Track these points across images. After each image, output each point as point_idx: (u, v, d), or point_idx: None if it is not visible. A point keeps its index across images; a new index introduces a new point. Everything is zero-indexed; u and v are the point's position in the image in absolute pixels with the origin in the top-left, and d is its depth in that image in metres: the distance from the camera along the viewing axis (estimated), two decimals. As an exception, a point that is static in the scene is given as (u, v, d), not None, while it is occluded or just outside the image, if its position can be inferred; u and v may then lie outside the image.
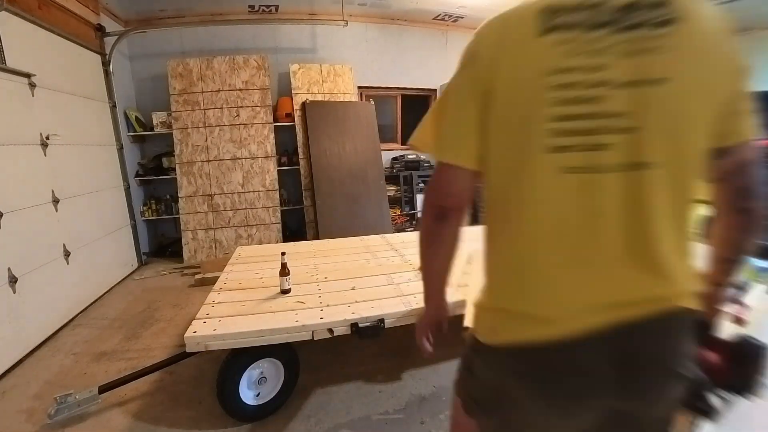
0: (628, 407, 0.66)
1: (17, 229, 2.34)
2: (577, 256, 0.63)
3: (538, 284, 0.65)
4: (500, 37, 0.64)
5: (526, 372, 0.67)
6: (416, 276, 2.22)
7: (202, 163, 4.12)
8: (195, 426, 1.73)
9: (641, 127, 0.59)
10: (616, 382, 0.62)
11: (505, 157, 0.66)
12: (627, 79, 0.58)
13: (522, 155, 0.63)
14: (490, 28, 0.67)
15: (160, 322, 2.76)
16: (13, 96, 2.45)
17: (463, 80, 0.69)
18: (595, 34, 0.59)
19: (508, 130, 0.64)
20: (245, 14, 4.38)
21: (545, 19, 0.60)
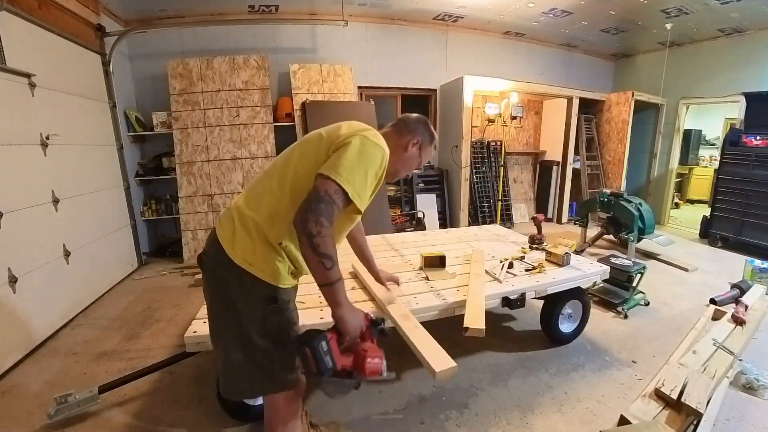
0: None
1: (17, 229, 2.34)
2: None
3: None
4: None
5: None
6: (416, 276, 2.22)
7: (202, 163, 4.12)
8: (195, 426, 1.73)
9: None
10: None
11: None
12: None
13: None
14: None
15: (160, 322, 2.77)
16: (13, 96, 2.45)
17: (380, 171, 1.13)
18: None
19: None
20: (245, 14, 4.38)
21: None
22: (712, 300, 2.94)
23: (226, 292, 1.08)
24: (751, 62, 4.83)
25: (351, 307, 1.09)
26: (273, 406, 1.19)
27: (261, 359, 1.09)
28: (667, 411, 1.67)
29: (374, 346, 1.11)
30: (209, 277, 1.14)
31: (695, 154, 7.55)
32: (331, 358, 1.00)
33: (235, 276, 1.06)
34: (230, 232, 1.09)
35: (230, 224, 1.10)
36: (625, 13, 4.54)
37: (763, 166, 4.14)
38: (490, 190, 5.52)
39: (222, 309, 1.10)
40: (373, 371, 1.06)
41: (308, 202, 0.97)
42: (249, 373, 1.09)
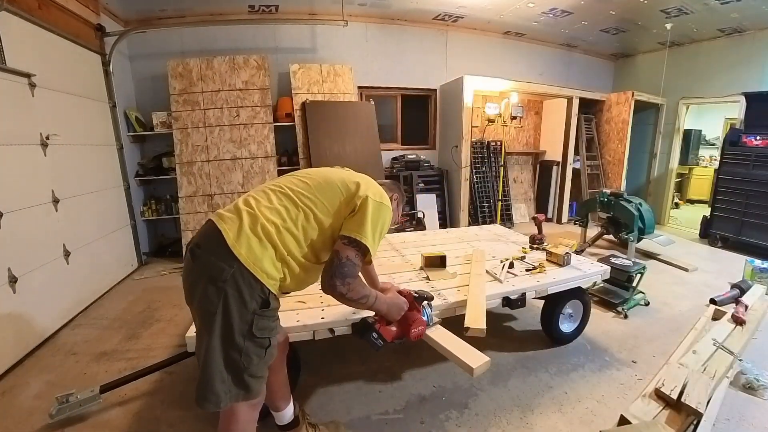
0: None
1: (17, 229, 2.34)
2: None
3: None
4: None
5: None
6: (417, 276, 2.22)
7: (202, 163, 4.12)
8: (195, 426, 1.73)
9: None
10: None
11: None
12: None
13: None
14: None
15: (160, 322, 2.77)
16: (13, 96, 2.45)
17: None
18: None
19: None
20: (245, 14, 4.38)
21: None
22: (712, 300, 2.94)
23: (220, 288, 1.07)
24: (751, 62, 4.83)
25: (391, 303, 1.38)
26: (233, 414, 1.18)
27: (238, 362, 1.10)
28: (667, 411, 1.67)
29: (418, 315, 1.45)
30: (202, 271, 1.11)
31: (695, 154, 7.56)
32: (383, 339, 1.35)
33: (235, 272, 1.07)
34: (237, 228, 1.11)
35: (238, 221, 1.13)
36: (625, 13, 4.54)
37: (763, 166, 4.14)
38: (490, 190, 5.52)
39: (211, 308, 1.08)
40: (416, 336, 1.43)
41: (333, 269, 1.16)
42: (223, 379, 1.09)
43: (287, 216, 1.17)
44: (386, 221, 1.27)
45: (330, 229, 1.23)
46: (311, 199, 1.22)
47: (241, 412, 1.18)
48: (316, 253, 1.23)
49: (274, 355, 1.21)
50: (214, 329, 1.07)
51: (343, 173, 1.34)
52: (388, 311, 1.36)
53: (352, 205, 1.23)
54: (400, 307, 1.42)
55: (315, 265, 1.25)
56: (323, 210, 1.22)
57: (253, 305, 1.10)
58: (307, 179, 1.29)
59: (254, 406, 1.22)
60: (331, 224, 1.22)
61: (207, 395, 1.08)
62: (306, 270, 1.23)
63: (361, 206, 1.21)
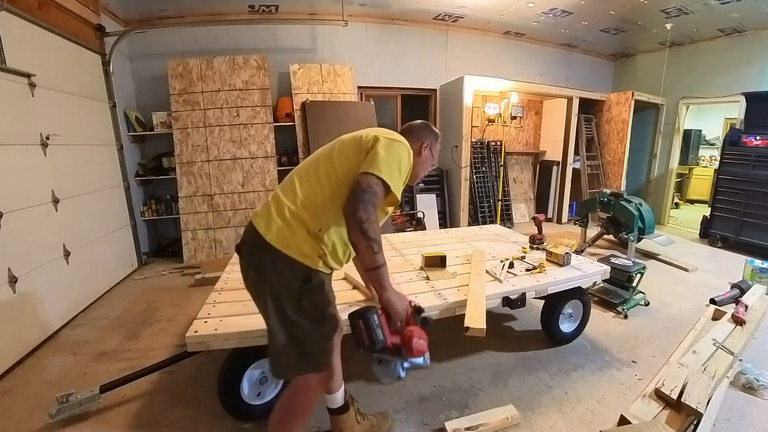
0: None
1: (17, 229, 2.34)
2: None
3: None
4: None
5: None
6: (417, 276, 2.22)
7: (202, 163, 4.12)
8: (195, 426, 1.73)
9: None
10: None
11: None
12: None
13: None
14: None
15: (160, 322, 2.76)
16: (13, 96, 2.45)
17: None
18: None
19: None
20: (245, 14, 4.38)
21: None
22: (712, 300, 2.94)
23: (265, 274, 1.17)
24: (751, 62, 4.83)
25: (396, 292, 1.27)
26: (303, 386, 1.28)
27: (299, 336, 1.18)
28: (667, 411, 1.67)
29: (419, 329, 1.24)
30: (248, 263, 1.23)
31: (695, 154, 7.55)
32: (382, 331, 1.15)
33: (271, 257, 1.16)
34: (267, 218, 1.19)
35: (267, 212, 1.21)
36: (625, 13, 4.54)
37: (763, 166, 4.14)
38: (490, 190, 5.52)
39: (262, 292, 1.19)
40: (419, 350, 1.19)
41: (355, 193, 1.12)
42: (288, 352, 1.18)
43: (311, 191, 1.21)
44: (402, 158, 1.24)
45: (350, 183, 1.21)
46: (332, 165, 1.24)
47: (308, 385, 1.27)
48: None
49: (335, 329, 1.25)
50: (269, 311, 1.18)
51: (355, 132, 1.34)
52: (392, 296, 1.24)
53: (365, 149, 1.23)
54: (404, 304, 1.28)
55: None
56: (343, 170, 1.22)
57: (297, 283, 1.16)
58: (324, 150, 1.32)
59: (322, 380, 1.31)
60: (351, 179, 1.20)
61: (278, 368, 1.23)
62: (342, 240, 1.24)
63: (372, 146, 1.22)
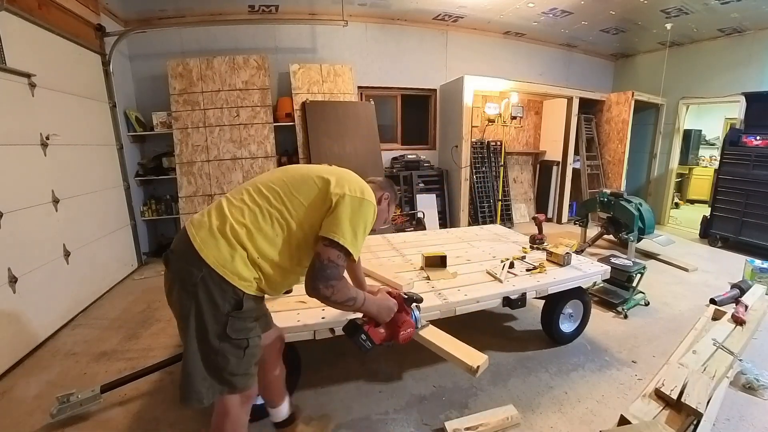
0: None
1: (17, 229, 2.34)
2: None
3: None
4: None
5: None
6: (417, 276, 2.22)
7: (202, 163, 4.12)
8: (195, 426, 1.73)
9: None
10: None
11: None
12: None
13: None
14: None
15: (160, 322, 2.76)
16: (13, 96, 2.45)
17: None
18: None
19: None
20: (245, 14, 4.38)
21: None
22: (712, 300, 2.94)
23: (191, 292, 1.07)
24: (751, 62, 4.83)
25: (381, 305, 1.31)
26: (224, 408, 1.20)
27: (217, 363, 1.11)
28: (667, 411, 1.67)
29: (407, 318, 1.38)
30: (174, 276, 1.12)
31: (695, 154, 7.55)
32: (371, 342, 1.28)
33: (203, 275, 1.07)
34: (205, 233, 1.10)
35: (207, 224, 1.12)
36: (625, 13, 4.54)
37: (763, 166, 4.14)
38: (490, 190, 5.52)
39: (186, 312, 1.09)
40: (405, 338, 1.36)
41: (317, 271, 1.11)
42: (202, 378, 1.11)
43: (259, 215, 1.13)
44: (368, 218, 1.20)
45: (307, 226, 1.16)
46: (286, 196, 1.17)
47: (231, 406, 1.20)
48: (293, 254, 1.17)
49: (257, 355, 1.21)
50: (189, 332, 1.09)
51: (322, 167, 1.28)
52: (378, 313, 1.30)
53: (328, 201, 1.16)
54: (389, 309, 1.35)
55: (294, 267, 1.20)
56: (298, 207, 1.16)
57: (226, 307, 1.09)
58: (284, 176, 1.24)
59: (246, 399, 1.23)
60: (309, 222, 1.16)
61: (189, 394, 1.11)
62: (283, 273, 1.18)
63: (337, 203, 1.15)
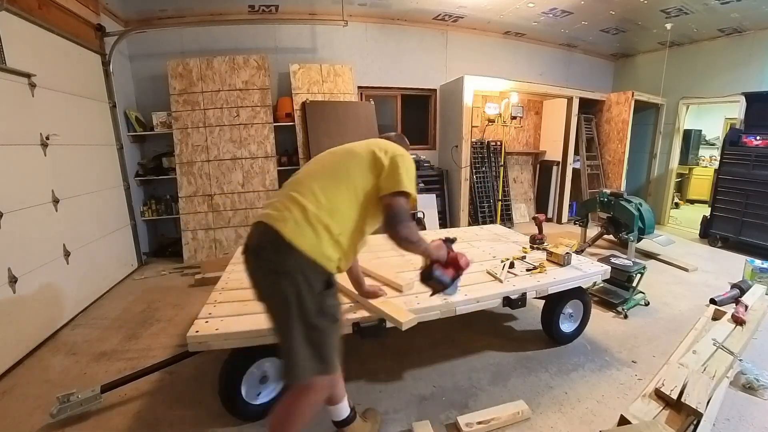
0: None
1: (17, 229, 2.34)
2: None
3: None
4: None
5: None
6: (417, 275, 2.22)
7: (202, 163, 4.12)
8: (195, 426, 1.73)
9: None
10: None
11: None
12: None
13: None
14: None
15: (160, 322, 2.76)
16: (13, 96, 2.45)
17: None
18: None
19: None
20: (245, 14, 4.38)
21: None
22: (712, 300, 2.94)
23: (287, 279, 1.18)
24: (751, 62, 4.83)
25: (435, 248, 1.46)
26: (311, 388, 1.28)
27: (317, 339, 1.22)
28: (667, 411, 1.67)
29: (454, 252, 1.53)
30: (265, 268, 1.23)
31: (695, 154, 7.56)
32: (445, 276, 1.47)
33: (298, 262, 1.18)
34: (292, 222, 1.20)
35: (289, 215, 1.22)
36: (625, 13, 4.54)
37: (763, 166, 4.14)
38: (490, 190, 5.52)
39: (284, 297, 1.18)
40: (467, 263, 1.52)
41: (391, 219, 1.30)
42: (306, 356, 1.21)
43: (334, 198, 1.27)
44: (413, 165, 1.42)
45: (370, 193, 1.33)
46: (345, 173, 1.33)
47: (318, 388, 1.29)
48: (361, 223, 1.33)
49: (342, 329, 1.37)
50: (292, 315, 1.19)
51: (356, 144, 1.45)
52: (438, 253, 1.47)
53: (380, 165, 1.34)
54: (441, 247, 1.51)
55: (362, 235, 1.37)
56: (357, 178, 1.32)
57: (319, 287, 1.22)
58: (333, 158, 1.41)
59: (330, 383, 1.35)
60: (367, 189, 1.32)
61: (295, 371, 1.22)
62: (355, 244, 1.34)
63: (392, 165, 1.34)
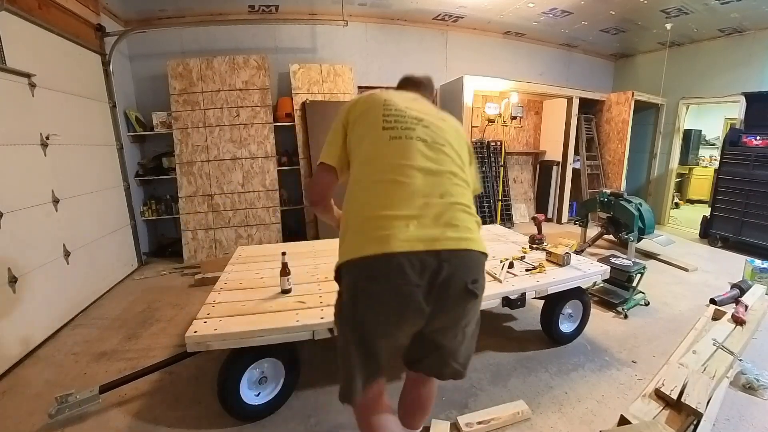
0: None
1: (17, 229, 2.34)
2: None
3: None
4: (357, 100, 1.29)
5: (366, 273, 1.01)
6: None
7: (202, 163, 4.12)
8: (195, 426, 1.73)
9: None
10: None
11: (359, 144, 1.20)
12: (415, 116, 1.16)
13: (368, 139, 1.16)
14: (355, 99, 1.31)
15: (160, 322, 2.76)
16: (13, 96, 2.45)
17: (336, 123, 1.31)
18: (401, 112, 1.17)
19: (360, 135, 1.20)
20: (245, 14, 4.38)
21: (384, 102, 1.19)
22: (712, 300, 2.94)
23: (477, 286, 1.08)
24: (751, 62, 4.83)
25: None
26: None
27: (476, 333, 1.21)
28: (667, 411, 1.67)
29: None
30: (465, 289, 1.05)
31: (695, 154, 7.55)
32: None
33: (483, 261, 1.12)
34: (465, 230, 1.06)
35: (461, 223, 1.06)
36: (625, 13, 4.54)
37: (763, 166, 4.14)
38: (490, 190, 5.52)
39: (475, 302, 1.11)
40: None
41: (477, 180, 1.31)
42: (472, 346, 1.21)
43: (468, 190, 1.17)
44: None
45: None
46: (464, 164, 1.21)
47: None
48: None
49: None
50: (474, 318, 1.16)
51: (456, 121, 1.31)
52: None
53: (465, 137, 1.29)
54: None
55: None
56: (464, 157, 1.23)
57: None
58: (455, 145, 1.20)
59: None
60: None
61: (467, 368, 1.20)
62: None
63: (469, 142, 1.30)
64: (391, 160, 1.08)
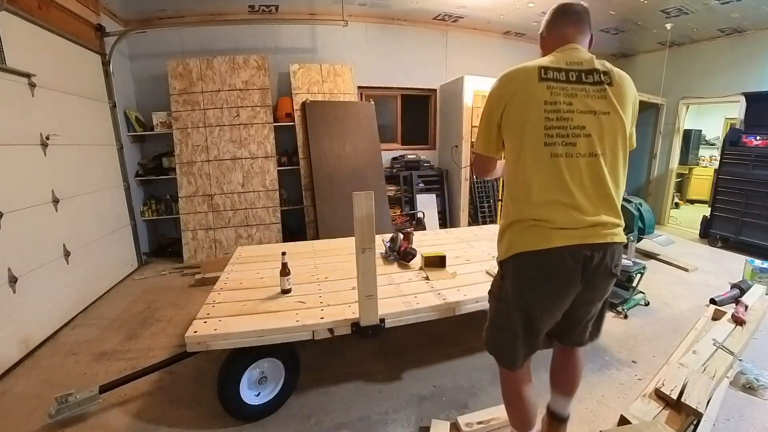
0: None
1: (17, 229, 2.34)
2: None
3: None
4: (513, 80, 1.20)
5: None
6: (417, 276, 2.22)
7: (202, 163, 4.12)
8: (195, 426, 1.73)
9: (591, 135, 1.14)
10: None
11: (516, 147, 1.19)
12: (584, 109, 1.15)
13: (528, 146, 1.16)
14: (507, 75, 1.22)
15: (160, 322, 2.76)
16: (13, 96, 2.45)
17: (490, 108, 1.24)
18: (567, 84, 1.17)
19: (517, 133, 1.19)
20: (245, 14, 4.38)
21: (541, 73, 1.17)
22: (712, 300, 2.94)
23: (620, 265, 1.27)
24: (751, 62, 4.83)
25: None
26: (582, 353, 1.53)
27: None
28: (667, 411, 1.67)
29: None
30: (608, 275, 1.24)
31: (695, 154, 7.54)
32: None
33: (622, 251, 1.27)
34: (614, 221, 1.20)
35: (610, 214, 1.19)
36: (625, 13, 4.54)
37: (763, 166, 4.14)
38: (490, 190, 5.51)
39: (610, 284, 1.28)
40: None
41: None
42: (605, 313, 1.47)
43: (620, 165, 1.21)
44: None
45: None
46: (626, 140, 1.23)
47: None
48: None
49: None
50: (608, 293, 1.34)
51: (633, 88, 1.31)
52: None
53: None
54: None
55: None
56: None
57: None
58: (615, 133, 1.19)
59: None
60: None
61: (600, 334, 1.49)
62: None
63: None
64: (553, 180, 1.14)
